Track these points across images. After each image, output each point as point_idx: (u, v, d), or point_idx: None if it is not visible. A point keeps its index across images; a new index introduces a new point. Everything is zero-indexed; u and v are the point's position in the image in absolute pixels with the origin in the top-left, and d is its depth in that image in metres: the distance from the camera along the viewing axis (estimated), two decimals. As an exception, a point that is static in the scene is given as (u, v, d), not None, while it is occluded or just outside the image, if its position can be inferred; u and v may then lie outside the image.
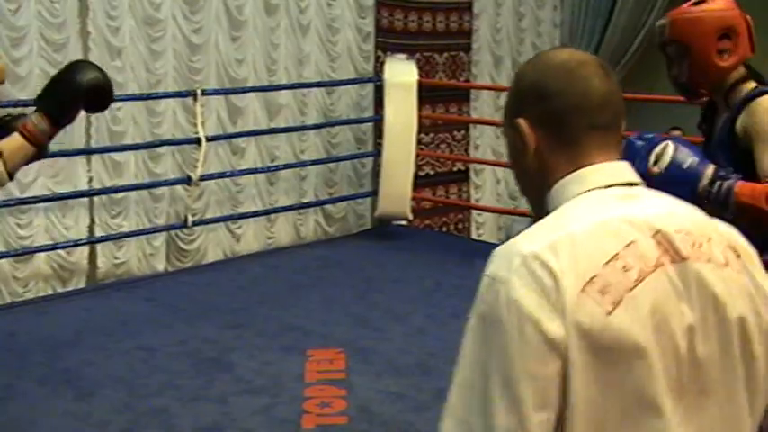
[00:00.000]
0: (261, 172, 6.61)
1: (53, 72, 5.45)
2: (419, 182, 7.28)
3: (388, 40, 7.28)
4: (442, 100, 7.79)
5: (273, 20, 6.59)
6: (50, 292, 5.64)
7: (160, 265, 6.14)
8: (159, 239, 6.13)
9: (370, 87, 7.23)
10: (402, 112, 6.72)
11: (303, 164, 6.87)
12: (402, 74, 6.79)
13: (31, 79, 5.44)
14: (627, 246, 1.20)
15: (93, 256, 5.86)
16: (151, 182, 6.00)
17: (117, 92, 5.70)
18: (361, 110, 7.24)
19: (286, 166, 6.75)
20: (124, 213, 5.95)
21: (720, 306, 1.23)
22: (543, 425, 1.13)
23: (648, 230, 1.22)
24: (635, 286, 1.17)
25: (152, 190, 6.03)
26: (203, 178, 6.09)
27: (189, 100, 6.01)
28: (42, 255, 5.60)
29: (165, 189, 6.09)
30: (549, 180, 1.30)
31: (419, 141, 7.01)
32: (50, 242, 5.61)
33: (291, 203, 6.86)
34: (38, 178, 5.56)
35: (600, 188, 1.27)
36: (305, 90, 6.84)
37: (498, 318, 1.16)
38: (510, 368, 1.14)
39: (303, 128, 6.83)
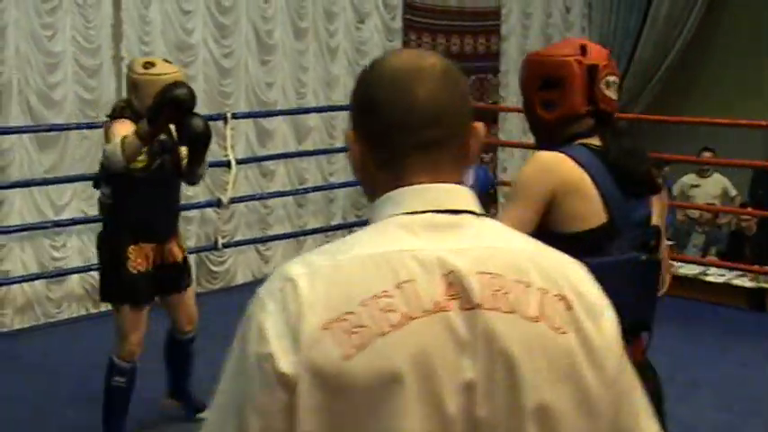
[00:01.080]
0: (290, 194, 6.65)
1: (87, 97, 5.60)
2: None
3: (417, 63, 7.31)
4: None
5: (303, 43, 6.66)
6: (83, 313, 5.70)
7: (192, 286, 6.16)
8: (190, 261, 6.17)
9: (398, 110, 7.26)
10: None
11: (332, 186, 6.91)
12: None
13: (66, 104, 5.53)
14: (400, 284, 1.04)
15: (124, 278, 5.91)
16: (182, 204, 6.03)
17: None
18: (390, 132, 7.26)
19: (315, 189, 6.79)
20: (155, 236, 6.00)
21: (511, 365, 1.05)
22: None
23: (439, 269, 1.06)
24: (390, 331, 1.02)
25: (183, 212, 6.08)
26: (233, 201, 6.14)
27: (219, 123, 6.07)
28: (75, 276, 5.67)
29: (195, 211, 6.15)
30: (375, 197, 1.16)
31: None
32: (84, 264, 5.67)
33: (320, 225, 6.89)
34: (71, 201, 5.63)
35: (411, 213, 1.11)
36: (334, 113, 6.89)
37: (246, 339, 1.08)
38: (241, 397, 1.06)
39: (332, 150, 6.87)
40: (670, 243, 7.58)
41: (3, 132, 5.27)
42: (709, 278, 6.91)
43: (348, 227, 7.07)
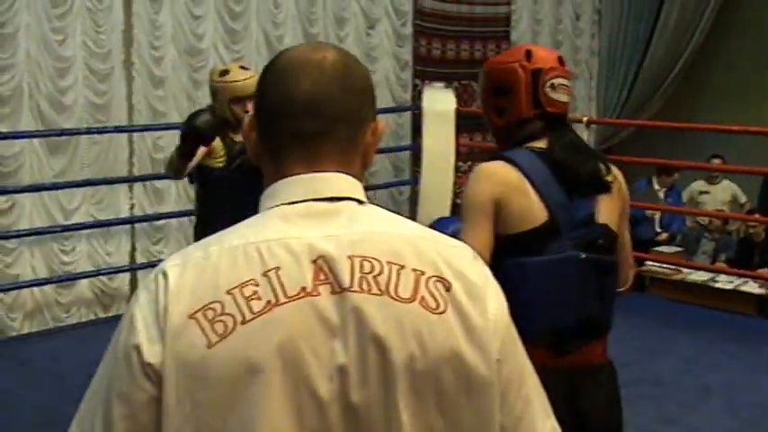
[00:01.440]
0: (299, 199, 6.66)
1: (98, 101, 5.62)
2: (456, 210, 7.28)
3: (426, 69, 7.33)
4: (480, 128, 7.80)
5: (313, 49, 6.67)
6: (92, 317, 5.72)
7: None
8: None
9: (407, 116, 7.28)
10: (440, 141, 6.74)
11: (341, 191, 6.91)
12: (440, 102, 6.82)
13: (76, 108, 5.55)
14: (266, 272, 1.05)
15: (134, 283, 5.93)
16: (192, 209, 6.06)
17: (159, 120, 5.87)
18: (399, 138, 7.28)
19: (324, 194, 6.80)
20: (165, 240, 6.03)
21: (383, 348, 1.04)
22: None
23: (308, 255, 1.06)
24: (254, 318, 1.03)
25: (193, 217, 6.10)
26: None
27: (229, 128, 6.09)
28: (85, 281, 5.69)
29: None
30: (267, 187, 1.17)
31: (457, 169, 7.03)
32: (93, 268, 5.70)
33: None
34: (81, 205, 5.66)
35: (291, 203, 1.11)
36: (343, 118, 6.89)
37: (120, 329, 1.09)
38: (110, 386, 1.07)
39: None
40: (679, 249, 7.59)
41: (13, 137, 5.30)
42: (718, 285, 6.90)
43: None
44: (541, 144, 2.20)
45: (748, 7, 9.46)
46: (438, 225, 2.34)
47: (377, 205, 1.16)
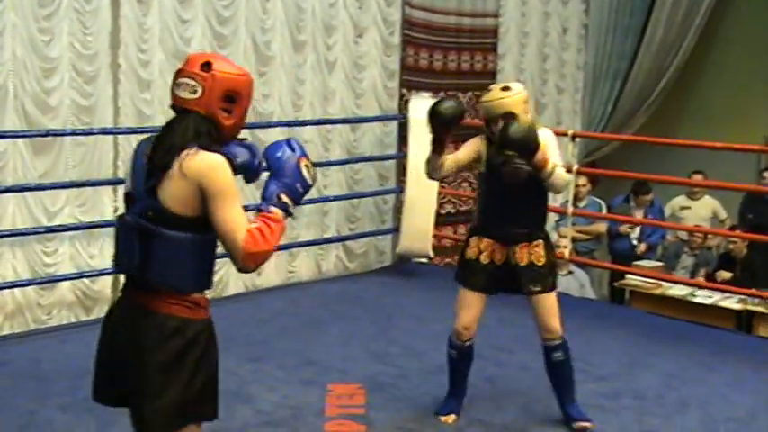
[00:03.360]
0: (284, 206, 6.65)
1: (84, 103, 5.60)
2: (440, 220, 7.30)
3: (413, 79, 7.36)
4: (465, 138, 7.81)
5: (300, 56, 6.69)
6: (74, 320, 5.69)
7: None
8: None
9: (394, 125, 7.30)
10: (425, 150, 6.73)
11: (326, 199, 6.92)
12: (426, 112, 6.83)
13: (62, 110, 5.54)
14: None
15: (116, 286, 5.91)
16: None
17: (145, 123, 5.86)
18: (385, 147, 7.30)
19: (309, 201, 6.80)
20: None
21: None
22: None
23: None
24: None
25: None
26: (227, 211, 6.13)
27: (215, 133, 6.07)
28: (67, 283, 5.66)
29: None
30: None
31: (441, 179, 7.04)
32: (75, 270, 5.67)
33: (313, 238, 6.91)
34: (65, 207, 5.63)
35: None
36: (329, 126, 6.91)
37: None
38: None
39: (327, 163, 6.89)
40: (659, 264, 7.64)
41: (-2, 136, 5.28)
42: (697, 299, 6.95)
43: (341, 240, 7.09)
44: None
45: (733, 24, 9.56)
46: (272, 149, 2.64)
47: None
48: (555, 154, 3.89)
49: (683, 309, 6.74)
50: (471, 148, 4.11)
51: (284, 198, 2.53)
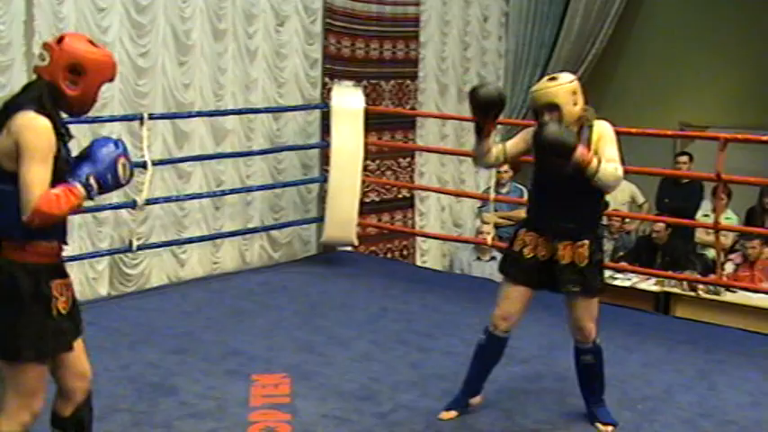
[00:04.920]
0: (207, 197, 6.61)
1: (-3, 93, 5.44)
2: (365, 208, 7.33)
3: (336, 67, 7.35)
4: (388, 127, 7.87)
5: (221, 45, 6.62)
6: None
7: (103, 290, 6.08)
8: (103, 263, 6.08)
9: (316, 113, 7.29)
10: (348, 139, 6.78)
11: (249, 189, 6.88)
12: (349, 101, 6.86)
13: (-26, 100, 5.38)
14: None
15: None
16: (95, 205, 5.94)
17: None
18: (308, 136, 7.28)
19: (232, 191, 6.76)
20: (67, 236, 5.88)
21: None
22: None
23: None
24: None
25: (96, 213, 5.99)
26: (149, 202, 6.07)
27: (135, 123, 6.00)
28: None
29: (109, 212, 6.05)
30: None
31: (365, 168, 7.07)
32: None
33: (237, 228, 6.86)
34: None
35: None
36: (252, 115, 6.86)
37: None
38: None
39: (249, 153, 6.85)
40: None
41: None
42: (616, 282, 7.13)
43: (265, 229, 7.06)
44: None
45: (649, 13, 9.79)
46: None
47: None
48: (609, 148, 3.73)
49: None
50: (520, 139, 3.92)
51: (92, 181, 2.82)
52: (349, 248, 7.24)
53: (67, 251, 5.88)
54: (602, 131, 3.80)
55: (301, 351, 5.00)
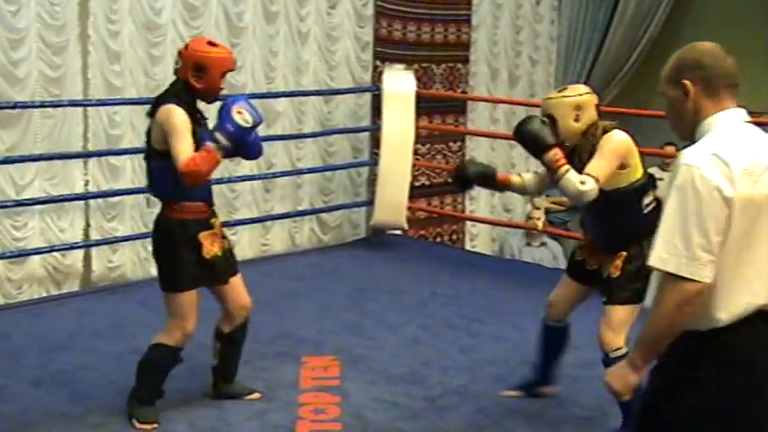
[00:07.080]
0: (257, 179, 6.62)
1: (52, 74, 5.52)
2: (415, 192, 7.29)
3: (387, 50, 7.31)
4: (439, 111, 7.81)
5: (273, 27, 6.62)
6: (44, 294, 5.64)
7: (154, 270, 6.11)
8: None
9: (367, 97, 7.26)
10: (399, 122, 6.74)
11: (300, 171, 6.89)
12: (400, 84, 6.82)
13: (30, 81, 5.45)
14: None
15: (87, 260, 5.86)
16: (146, 186, 5.99)
17: (115, 95, 5.78)
18: (359, 119, 7.26)
19: (282, 174, 6.77)
20: (120, 217, 5.96)
21: None
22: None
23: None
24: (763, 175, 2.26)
25: (148, 194, 6.02)
26: (200, 184, 6.09)
27: (187, 105, 6.00)
28: (37, 257, 5.60)
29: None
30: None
31: (415, 151, 7.04)
32: (46, 245, 5.61)
33: (287, 211, 6.87)
34: (34, 180, 5.56)
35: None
36: (303, 98, 6.86)
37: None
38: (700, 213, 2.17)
39: (300, 136, 6.85)
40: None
41: (-35, 109, 5.19)
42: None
43: (315, 212, 7.06)
44: None
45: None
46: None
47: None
48: (597, 160, 3.55)
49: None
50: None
51: (217, 135, 3.50)
52: (398, 232, 7.22)
53: (119, 231, 5.96)
54: (603, 142, 3.61)
55: (351, 334, 4.99)
